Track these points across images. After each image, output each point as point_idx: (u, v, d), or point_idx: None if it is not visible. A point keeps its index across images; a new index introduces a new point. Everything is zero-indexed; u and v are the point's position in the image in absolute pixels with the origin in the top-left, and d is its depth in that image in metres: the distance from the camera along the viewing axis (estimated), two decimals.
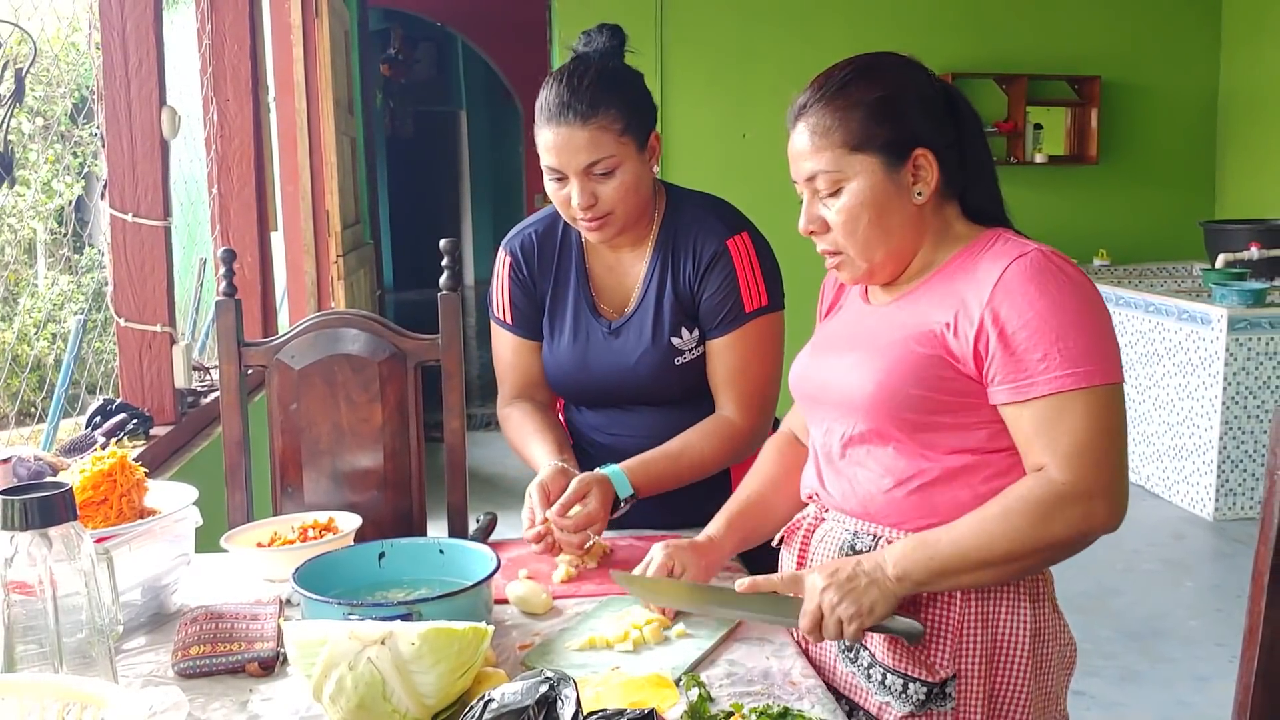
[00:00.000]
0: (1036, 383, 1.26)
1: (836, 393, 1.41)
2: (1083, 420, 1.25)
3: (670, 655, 1.35)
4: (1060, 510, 1.24)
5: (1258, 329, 4.62)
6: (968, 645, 1.33)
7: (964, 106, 1.40)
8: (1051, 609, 1.38)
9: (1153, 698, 3.21)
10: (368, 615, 1.31)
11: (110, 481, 1.50)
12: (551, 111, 1.69)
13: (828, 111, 1.35)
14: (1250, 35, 6.64)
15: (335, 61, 4.98)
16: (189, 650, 1.36)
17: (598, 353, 1.82)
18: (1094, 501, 1.24)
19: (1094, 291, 1.29)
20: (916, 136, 1.34)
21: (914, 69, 1.39)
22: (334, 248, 4.80)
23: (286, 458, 1.95)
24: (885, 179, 1.33)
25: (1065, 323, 1.25)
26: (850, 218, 1.35)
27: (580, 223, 1.74)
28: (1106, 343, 1.27)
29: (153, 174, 2.46)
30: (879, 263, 1.38)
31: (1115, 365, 1.27)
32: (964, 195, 1.40)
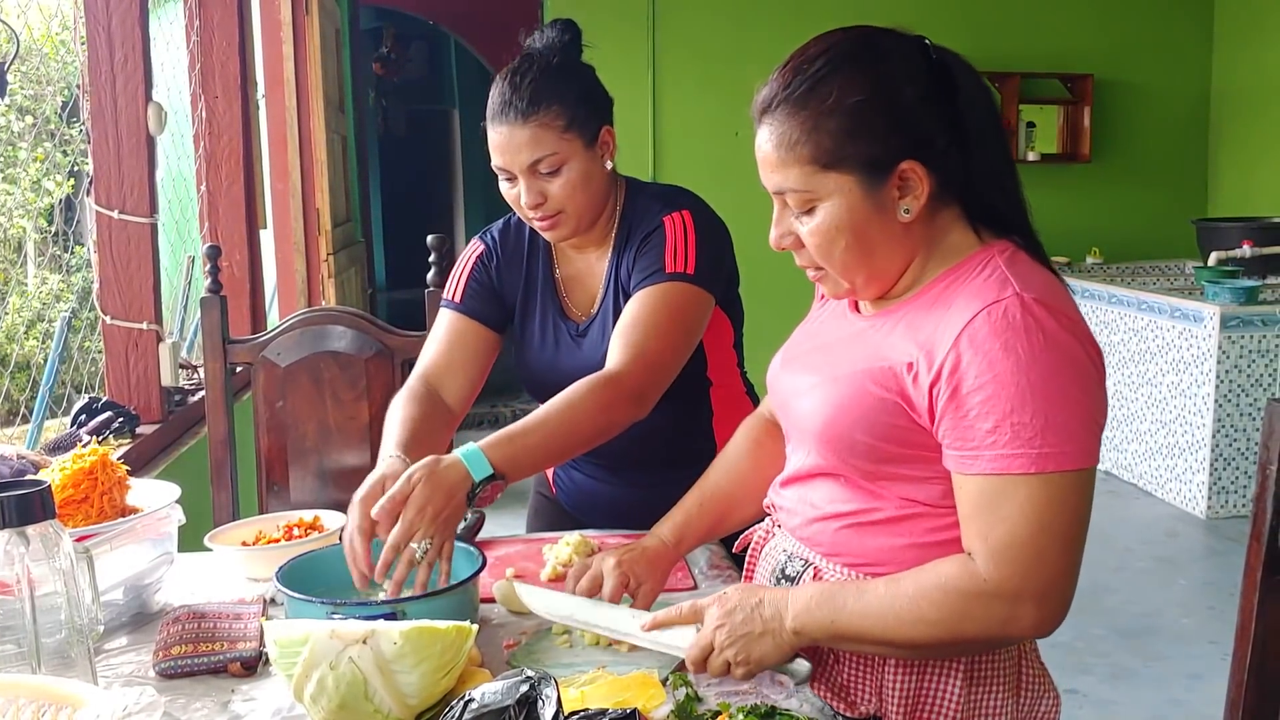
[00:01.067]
0: (981, 457, 1.10)
1: (794, 414, 1.30)
2: (1025, 510, 1.08)
3: (657, 655, 1.33)
4: (978, 608, 1.10)
5: (1250, 327, 4.61)
6: (889, 687, 1.22)
7: (971, 89, 1.17)
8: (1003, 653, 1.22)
9: (1145, 696, 3.20)
10: (351, 614, 1.29)
11: (91, 479, 1.48)
12: (494, 110, 1.66)
13: (795, 119, 1.14)
14: (1242, 34, 6.64)
15: (326, 59, 4.96)
16: (170, 650, 1.34)
17: (567, 355, 1.79)
18: (1019, 605, 1.09)
19: (1079, 353, 1.10)
20: (903, 147, 1.13)
21: (903, 52, 1.17)
22: (324, 246, 4.78)
23: (272, 456, 1.93)
24: (864, 199, 1.14)
25: (1026, 391, 1.07)
26: (824, 241, 1.17)
27: (534, 222, 1.71)
28: (1077, 420, 1.08)
29: (139, 170, 2.44)
30: (861, 283, 1.21)
31: (1082, 448, 1.08)
32: (966, 196, 1.19)
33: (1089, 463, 1.09)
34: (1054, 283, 1.15)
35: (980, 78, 1.20)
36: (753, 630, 1.19)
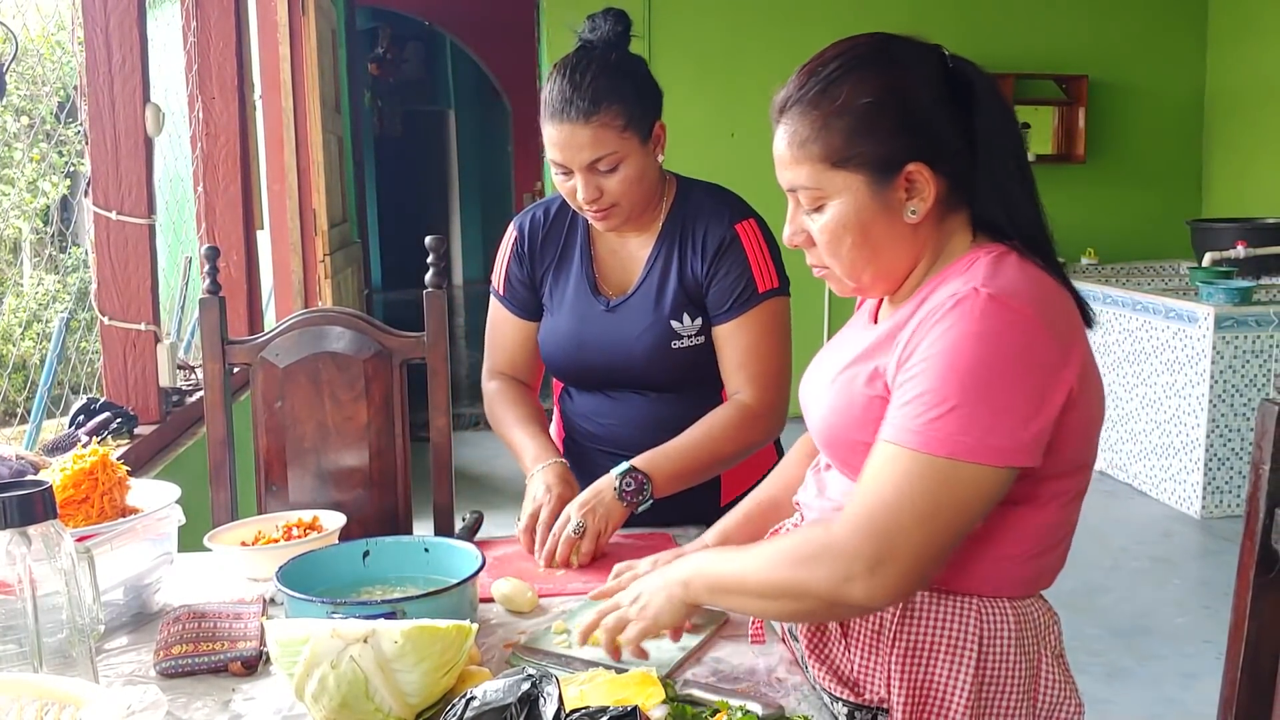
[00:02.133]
0: (889, 425, 1.13)
1: (809, 419, 1.34)
2: (898, 483, 1.09)
3: (654, 654, 1.34)
4: (819, 563, 1.12)
5: (1244, 327, 4.63)
6: (894, 677, 1.22)
7: (988, 99, 1.18)
8: (1019, 656, 1.21)
9: (1140, 695, 3.21)
10: (351, 614, 1.30)
11: (91, 480, 1.48)
12: (555, 108, 1.68)
13: (807, 118, 1.18)
14: (1236, 35, 6.66)
15: (322, 60, 4.97)
16: (171, 650, 1.35)
17: (595, 330, 1.83)
18: (853, 568, 1.09)
19: (1022, 353, 1.08)
20: (911, 149, 1.15)
21: (919, 58, 1.19)
22: (320, 246, 4.79)
23: (271, 456, 1.94)
24: (871, 198, 1.17)
25: (948, 375, 1.08)
26: (832, 238, 1.20)
27: (587, 213, 1.76)
28: (993, 415, 1.07)
29: (137, 171, 2.45)
30: (867, 283, 1.23)
31: (987, 444, 1.07)
32: (975, 203, 1.21)
33: (992, 460, 1.07)
34: (1033, 284, 1.13)
35: (999, 89, 1.21)
36: (654, 584, 1.28)
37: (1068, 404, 1.11)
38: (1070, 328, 1.14)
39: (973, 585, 1.21)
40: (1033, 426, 1.09)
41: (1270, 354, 4.66)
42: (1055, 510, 1.20)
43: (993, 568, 1.20)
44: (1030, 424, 1.08)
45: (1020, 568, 1.21)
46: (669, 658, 1.33)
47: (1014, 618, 1.21)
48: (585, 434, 1.92)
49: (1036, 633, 1.24)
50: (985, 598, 1.21)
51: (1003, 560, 1.20)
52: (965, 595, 1.21)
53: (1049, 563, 1.24)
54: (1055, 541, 1.23)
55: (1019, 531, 1.19)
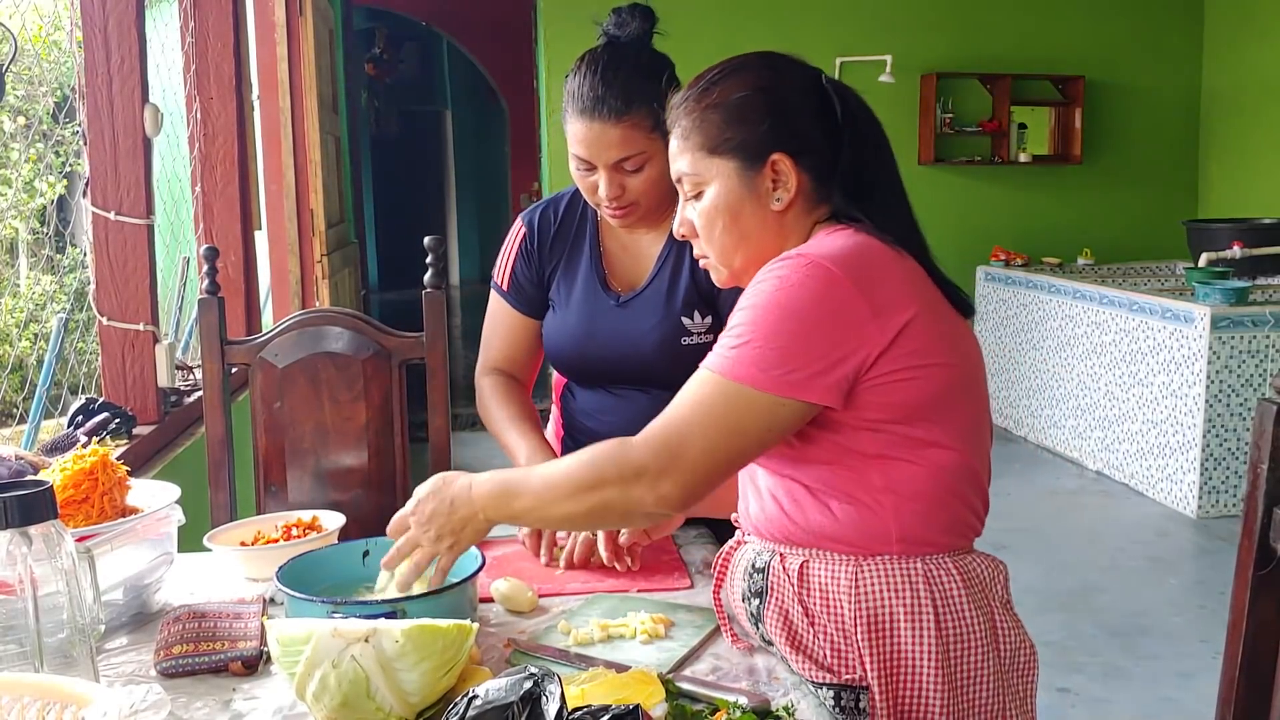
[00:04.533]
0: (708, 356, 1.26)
1: None
2: (689, 402, 1.23)
3: (654, 653, 1.34)
4: (613, 470, 1.23)
5: (1240, 327, 4.64)
6: (864, 653, 1.25)
7: (859, 115, 1.31)
8: (974, 611, 1.27)
9: (1137, 694, 3.22)
10: (352, 613, 1.30)
11: (92, 480, 1.48)
12: (585, 104, 1.67)
13: (690, 112, 1.32)
14: (1232, 35, 6.68)
15: (319, 60, 4.97)
16: (171, 649, 1.35)
17: (604, 324, 1.83)
18: (642, 476, 1.22)
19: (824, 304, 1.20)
20: (777, 140, 1.28)
21: (795, 70, 1.32)
22: (318, 247, 4.79)
23: (270, 456, 1.94)
24: (740, 184, 1.29)
25: (753, 313, 1.22)
26: (707, 221, 1.32)
27: (605, 210, 1.76)
28: (782, 351, 1.19)
29: (135, 172, 2.44)
30: (739, 267, 1.34)
31: (770, 376, 1.19)
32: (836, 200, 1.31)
33: (775, 389, 1.19)
34: (855, 250, 1.23)
35: (869, 109, 1.33)
36: (450, 522, 1.36)
37: (876, 354, 1.21)
38: (889, 287, 1.23)
39: (907, 545, 1.26)
40: (819, 366, 1.20)
41: (1266, 354, 4.67)
42: (941, 456, 1.26)
43: (912, 523, 1.26)
44: (817, 364, 1.19)
45: (931, 518, 1.27)
46: (669, 657, 1.33)
47: (959, 574, 1.27)
48: (587, 432, 1.92)
49: (983, 586, 1.30)
50: (928, 558, 1.27)
51: (911, 516, 1.26)
52: (906, 558, 1.26)
53: (962, 510, 1.29)
54: (955, 487, 1.28)
55: (908, 483, 1.25)
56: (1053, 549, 4.40)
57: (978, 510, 1.33)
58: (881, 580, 1.26)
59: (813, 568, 1.29)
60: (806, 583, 1.29)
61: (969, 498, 1.31)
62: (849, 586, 1.26)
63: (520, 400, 1.90)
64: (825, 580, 1.28)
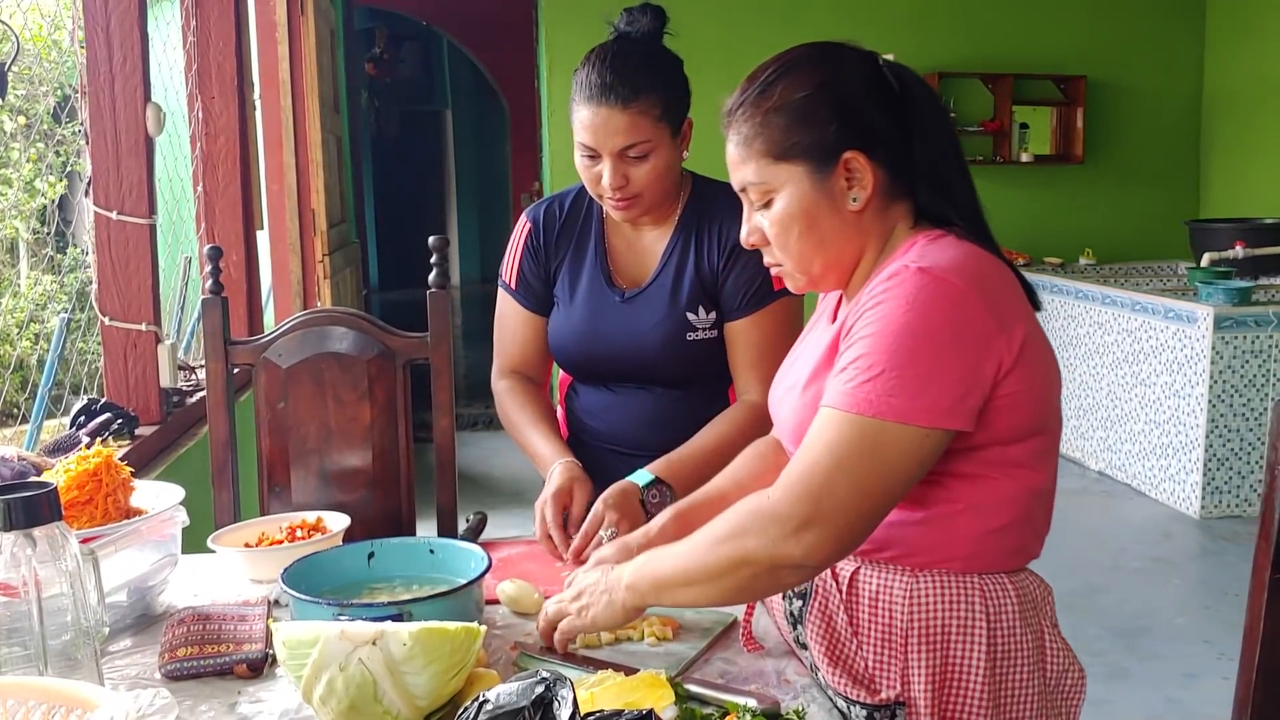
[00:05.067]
0: (827, 391, 1.17)
1: (777, 421, 1.36)
2: (831, 445, 1.13)
3: (662, 656, 1.33)
4: (757, 524, 1.15)
5: (1243, 327, 4.63)
6: (914, 668, 1.22)
7: (921, 96, 1.26)
8: (1024, 630, 1.23)
9: (1141, 695, 3.21)
10: (358, 615, 1.30)
11: (96, 481, 1.48)
12: (592, 90, 1.68)
13: (751, 118, 1.25)
14: (1234, 35, 6.67)
15: (320, 60, 4.96)
16: (175, 652, 1.34)
17: (609, 320, 1.83)
18: (788, 527, 1.13)
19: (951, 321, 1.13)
20: (846, 137, 1.21)
21: (852, 59, 1.26)
22: (320, 247, 4.78)
23: (274, 457, 1.93)
24: (813, 188, 1.23)
25: (879, 342, 1.13)
26: (782, 230, 1.25)
27: (607, 201, 1.76)
28: (921, 379, 1.11)
29: (137, 171, 2.44)
30: (818, 273, 1.28)
31: (916, 406, 1.11)
32: (915, 192, 1.27)
33: (918, 420, 1.12)
34: (967, 259, 1.17)
35: (930, 88, 1.28)
36: (596, 587, 1.29)
37: (1003, 374, 1.15)
38: (1007, 301, 1.18)
39: (969, 562, 1.23)
40: (960, 390, 1.13)
41: (1269, 354, 4.66)
42: (1025, 477, 1.23)
43: (982, 542, 1.23)
44: (958, 388, 1.13)
45: (1007, 538, 1.24)
46: (678, 659, 1.32)
47: (1015, 592, 1.24)
48: (590, 430, 1.91)
49: (1035, 605, 1.27)
50: (985, 575, 1.24)
51: (989, 534, 1.23)
52: (966, 574, 1.23)
53: (1031, 531, 1.27)
54: (1031, 508, 1.25)
55: (996, 502, 1.22)
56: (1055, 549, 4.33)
57: (1042, 533, 1.30)
58: (937, 593, 1.23)
59: (864, 576, 1.26)
60: (856, 591, 1.27)
61: (1039, 521, 1.28)
62: (904, 597, 1.23)
63: (538, 402, 1.90)
64: (877, 590, 1.25)
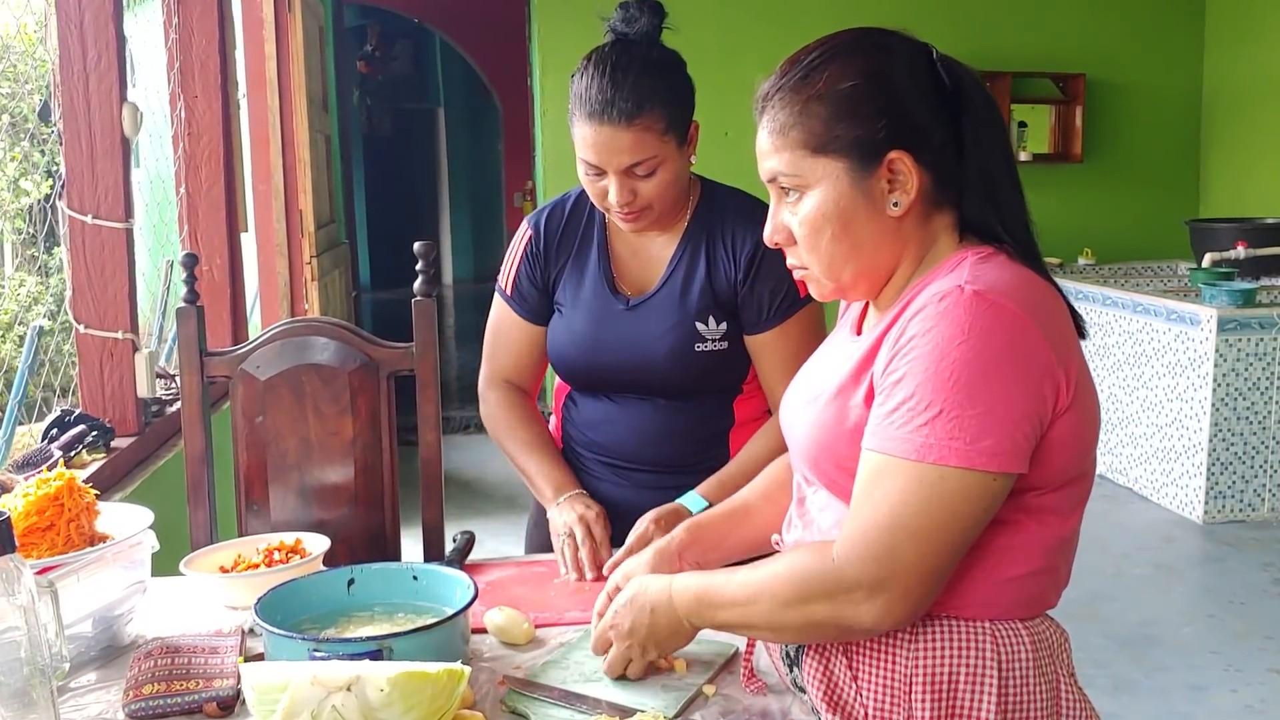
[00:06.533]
0: (875, 434, 1.07)
1: (791, 440, 1.28)
2: (891, 498, 1.04)
3: (659, 692, 1.26)
4: (822, 593, 1.08)
5: (1247, 329, 4.56)
6: (918, 713, 1.13)
7: (977, 98, 1.15)
8: (1038, 679, 1.14)
9: (1148, 708, 3.14)
10: (334, 651, 1.22)
11: (57, 506, 1.39)
12: (593, 106, 1.59)
13: (788, 104, 1.14)
14: (1234, 34, 6.60)
15: (309, 58, 4.87)
16: (141, 689, 1.26)
17: (613, 329, 1.75)
18: (856, 594, 1.06)
19: (1011, 353, 1.03)
20: (894, 136, 1.11)
21: (905, 50, 1.16)
22: (308, 248, 4.69)
23: (252, 473, 1.85)
24: (852, 187, 1.12)
25: (933, 378, 1.03)
26: (812, 230, 1.14)
27: (615, 214, 1.68)
28: (983, 418, 1.02)
29: (113, 173, 2.35)
30: (848, 281, 1.17)
31: (978, 449, 1.02)
32: (961, 203, 1.16)
33: (984, 465, 1.03)
34: (1021, 283, 1.08)
35: (988, 90, 1.17)
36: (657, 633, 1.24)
37: (1059, 410, 1.06)
38: (1064, 331, 1.09)
39: (981, 610, 1.14)
40: (1026, 429, 1.04)
41: (1274, 357, 4.59)
42: (1055, 524, 1.13)
43: (998, 590, 1.13)
44: (1023, 427, 1.04)
45: (1025, 587, 1.14)
46: (676, 697, 1.24)
47: (1029, 639, 1.14)
48: (588, 443, 1.83)
49: (1051, 653, 1.17)
50: (998, 621, 1.14)
51: (1007, 582, 1.13)
52: (976, 621, 1.14)
53: (1053, 580, 1.17)
54: (1058, 558, 1.16)
55: (1020, 549, 1.13)
56: None
57: (1063, 584, 1.20)
58: (945, 638, 1.13)
59: None
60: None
61: (1062, 572, 1.18)
62: (908, 642, 1.14)
63: (532, 419, 1.84)
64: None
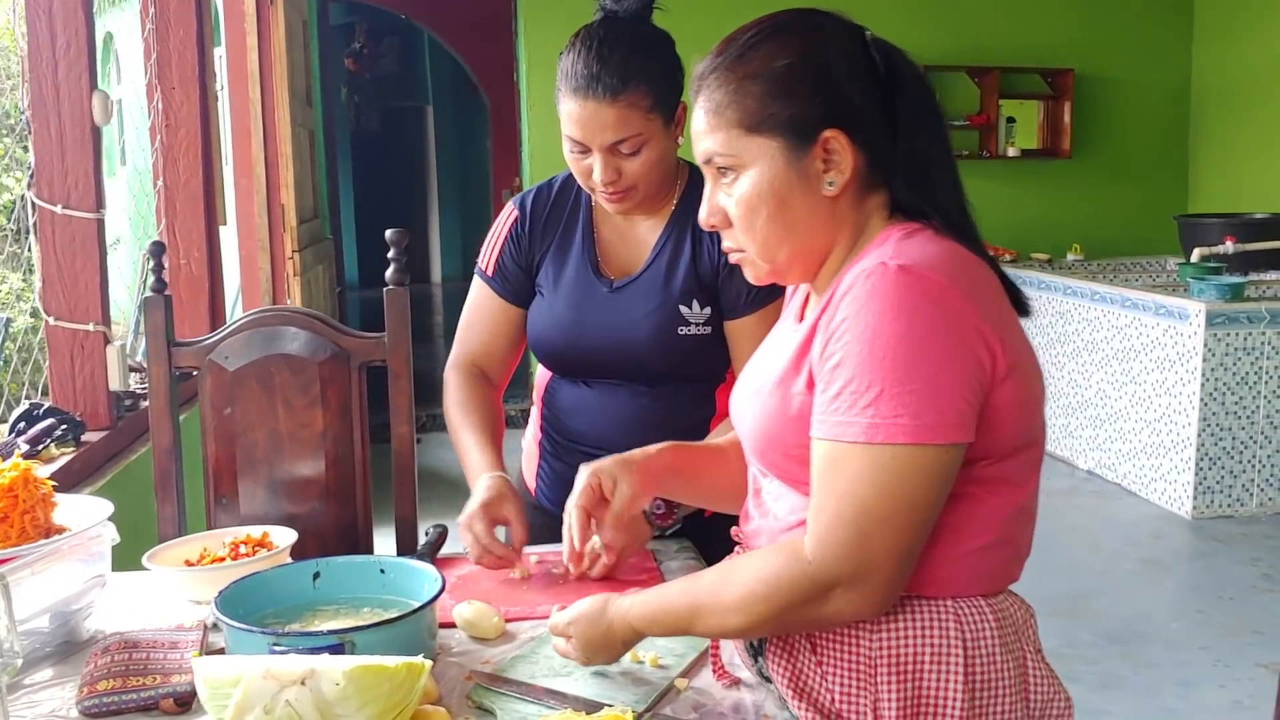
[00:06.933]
0: (823, 423, 1.06)
1: (740, 430, 1.26)
2: (852, 486, 1.03)
3: (630, 686, 1.22)
4: (799, 592, 1.07)
5: (1235, 324, 4.54)
6: (884, 701, 1.11)
7: (910, 79, 1.16)
8: (1005, 657, 1.12)
9: (1137, 704, 3.11)
10: (294, 645, 1.18)
11: (11, 497, 1.35)
12: (578, 81, 1.55)
13: (724, 83, 1.13)
14: (1222, 28, 6.59)
15: (292, 52, 4.82)
16: (96, 686, 1.22)
17: (596, 311, 1.71)
18: (835, 589, 1.05)
19: (941, 322, 1.03)
20: (829, 115, 1.11)
21: (840, 31, 1.15)
22: (289, 243, 4.65)
23: (220, 467, 1.81)
24: (788, 166, 1.12)
25: (869, 357, 1.02)
26: (748, 210, 1.14)
27: (600, 194, 1.65)
28: (923, 391, 1.01)
29: (84, 163, 2.30)
30: (783, 263, 1.17)
31: (923, 422, 1.01)
32: (894, 184, 1.16)
33: (932, 438, 1.02)
34: (945, 255, 1.08)
35: (923, 75, 1.18)
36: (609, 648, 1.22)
37: (998, 376, 1.06)
38: (992, 299, 1.09)
39: (942, 587, 1.12)
40: (968, 396, 1.04)
41: (1262, 351, 4.58)
42: (1009, 494, 1.12)
43: (958, 565, 1.12)
44: (964, 395, 1.04)
45: (984, 560, 1.13)
46: (646, 691, 1.21)
47: (993, 617, 1.13)
48: (567, 431, 1.80)
49: (1017, 630, 1.15)
50: (961, 599, 1.12)
51: (965, 556, 1.11)
52: (938, 599, 1.12)
53: (1013, 552, 1.16)
54: (1015, 528, 1.14)
55: (977, 522, 1.11)
56: (1045, 551, 4.27)
57: (1024, 554, 1.18)
58: (908, 620, 1.11)
59: None
60: None
61: (1021, 543, 1.16)
62: (870, 624, 1.11)
63: (484, 404, 1.76)
64: None
